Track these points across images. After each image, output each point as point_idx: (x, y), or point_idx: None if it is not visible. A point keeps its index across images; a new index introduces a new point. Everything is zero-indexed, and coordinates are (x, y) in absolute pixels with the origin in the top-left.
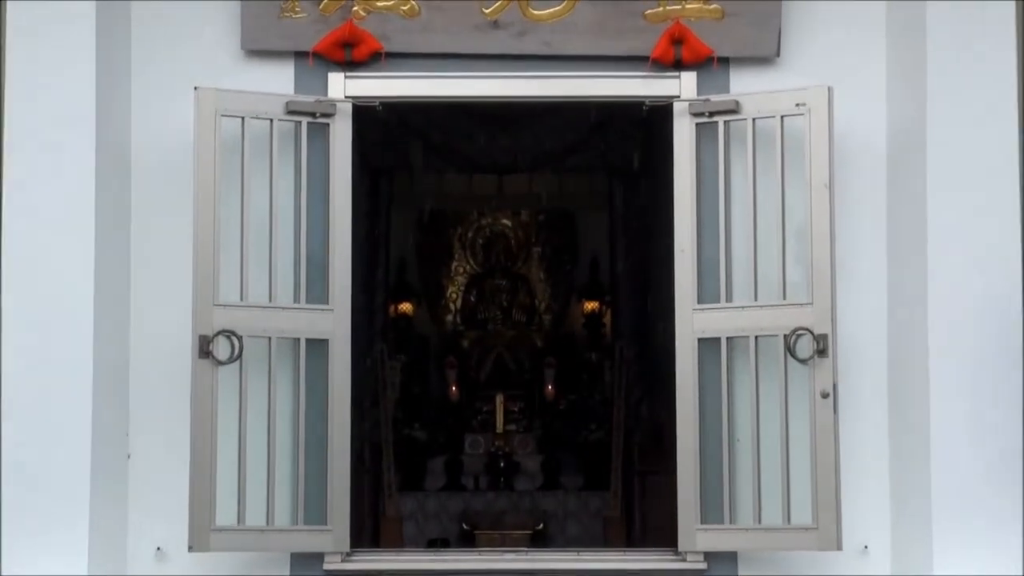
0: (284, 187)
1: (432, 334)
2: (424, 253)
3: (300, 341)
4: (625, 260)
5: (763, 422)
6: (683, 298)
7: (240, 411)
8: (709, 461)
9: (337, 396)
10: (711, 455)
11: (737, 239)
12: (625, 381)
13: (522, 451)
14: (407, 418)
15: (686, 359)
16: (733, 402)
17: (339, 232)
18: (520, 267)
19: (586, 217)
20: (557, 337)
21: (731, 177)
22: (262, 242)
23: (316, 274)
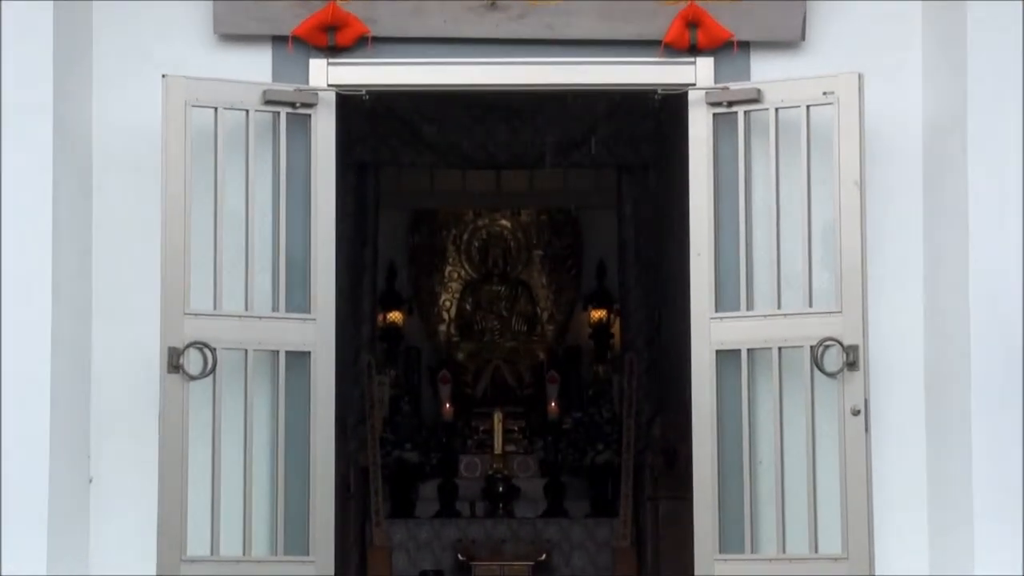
0: (261, 184)
1: (424, 346)
2: (415, 257)
3: (279, 354)
4: (635, 264)
5: (788, 442)
6: (699, 306)
7: (213, 430)
8: (728, 485)
9: (320, 414)
10: (731, 478)
11: (759, 241)
12: (636, 397)
13: (523, 474)
14: (397, 438)
15: (703, 373)
16: (755, 420)
17: (322, 234)
18: (520, 272)
19: (592, 217)
20: (561, 349)
21: (752, 173)
22: (237, 245)
23: (297, 280)
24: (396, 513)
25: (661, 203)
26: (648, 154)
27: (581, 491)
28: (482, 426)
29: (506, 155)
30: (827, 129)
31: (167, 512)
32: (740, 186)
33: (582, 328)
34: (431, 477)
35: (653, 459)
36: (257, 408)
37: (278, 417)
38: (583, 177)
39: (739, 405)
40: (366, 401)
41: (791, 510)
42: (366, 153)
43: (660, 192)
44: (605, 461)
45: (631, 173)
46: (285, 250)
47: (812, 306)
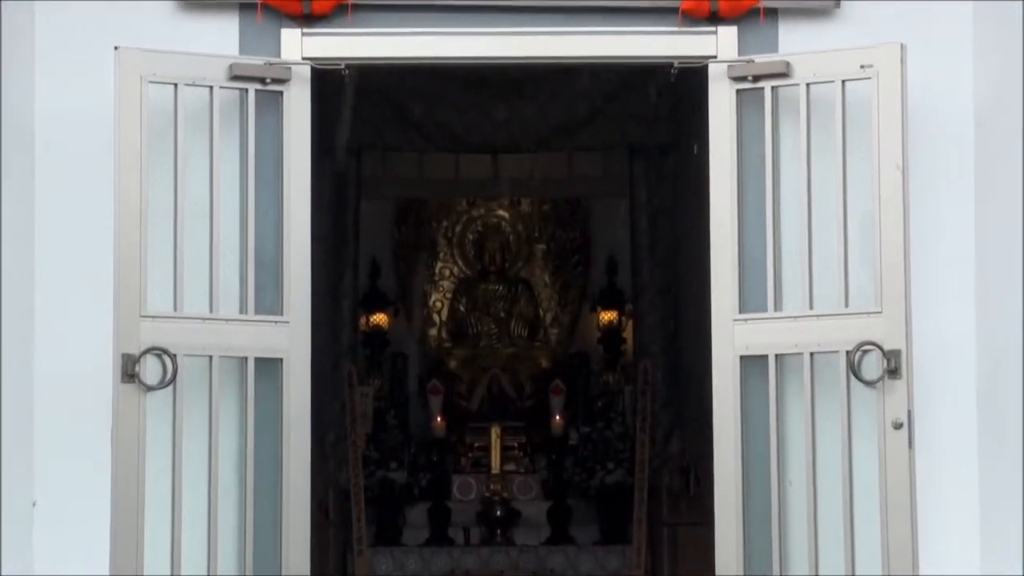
0: (227, 171)
1: (412, 352)
2: (402, 252)
3: (248, 361)
4: (650, 260)
5: (821, 459)
6: (721, 307)
7: (173, 448)
8: (755, 508)
9: (294, 429)
10: (757, 500)
11: (788, 233)
12: (651, 410)
13: (523, 496)
14: (381, 456)
15: (726, 382)
16: (784, 434)
17: (296, 226)
18: (520, 269)
19: (601, 207)
20: (566, 356)
21: (780, 156)
22: (200, 239)
23: (268, 278)
24: (381, 541)
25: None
26: (664, 135)
27: (589, 515)
28: (477, 442)
29: (504, 137)
30: (865, 107)
31: (121, 541)
32: (767, 171)
33: (590, 332)
34: (420, 500)
35: (670, 479)
36: (223, 422)
37: (247, 433)
38: (591, 162)
39: (766, 418)
40: (347, 415)
41: (825, 536)
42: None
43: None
44: (616, 482)
45: (645, 157)
46: (254, 244)
47: (848, 306)
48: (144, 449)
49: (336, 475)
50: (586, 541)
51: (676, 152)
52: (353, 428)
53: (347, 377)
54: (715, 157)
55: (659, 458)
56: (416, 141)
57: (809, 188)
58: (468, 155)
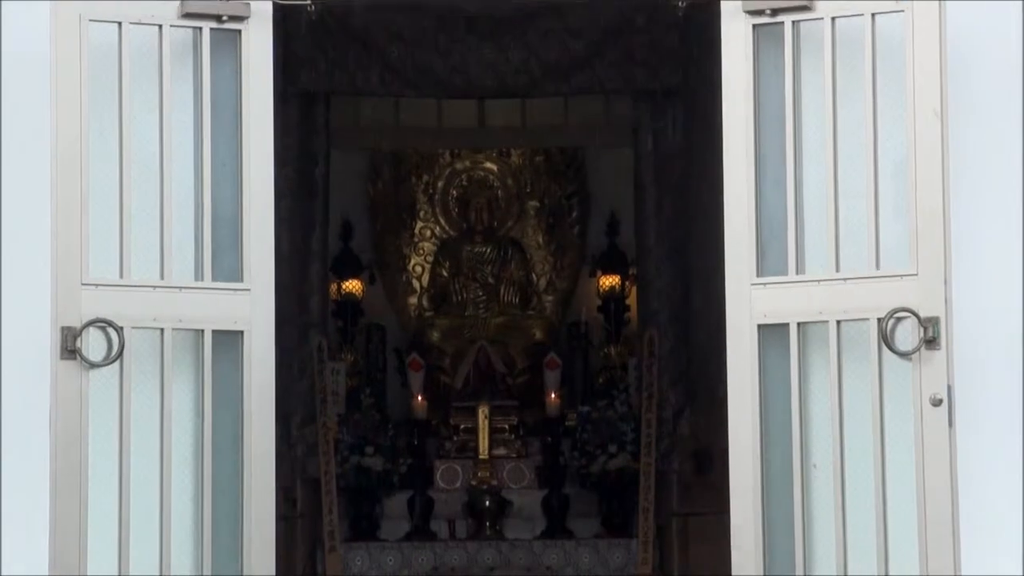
0: (180, 120)
1: (389, 323)
2: (377, 210)
3: (204, 334)
4: (656, 217)
5: (850, 440)
6: (737, 269)
7: (120, 433)
8: (775, 494)
9: (257, 411)
10: (777, 486)
11: (811, 187)
12: (658, 386)
13: (515, 485)
14: (355, 440)
15: (742, 354)
16: (807, 412)
17: (257, 182)
18: (510, 228)
19: (601, 158)
20: (563, 326)
21: (802, 101)
22: (149, 196)
23: (226, 241)
24: (355, 535)
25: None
26: (671, 78)
27: (589, 505)
28: (464, 424)
29: (491, 81)
30: (898, 45)
31: (61, 537)
32: (787, 117)
33: (589, 299)
34: (399, 489)
35: (680, 464)
36: (176, 404)
37: (203, 415)
38: (589, 108)
39: (788, 394)
40: (316, 394)
41: (854, 526)
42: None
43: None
44: (619, 467)
45: (649, 102)
46: (211, 202)
47: (880, 268)
48: (87, 435)
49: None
50: (586, 534)
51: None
52: (323, 409)
53: (316, 351)
54: (729, 102)
55: (668, 440)
56: (393, 85)
57: (835, 136)
58: (451, 101)
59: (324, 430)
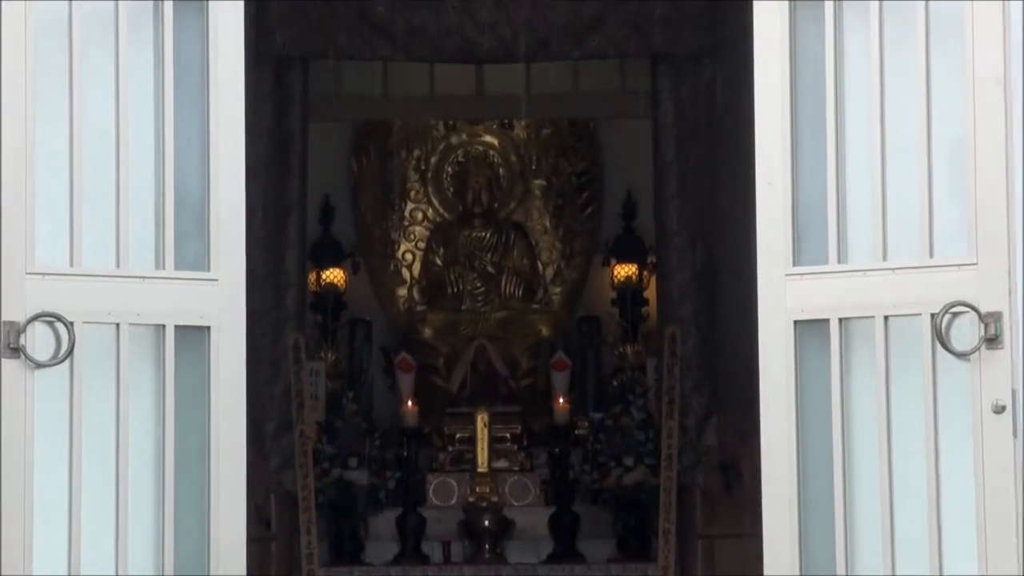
0: (138, 89)
1: (376, 318)
2: (361, 190)
3: (166, 330)
4: (679, 198)
5: (899, 451)
6: (770, 258)
7: (70, 440)
8: (813, 513)
9: (226, 417)
10: (816, 504)
11: (855, 163)
12: (680, 390)
13: (519, 502)
14: (337, 451)
15: (775, 354)
16: (851, 421)
17: (226, 158)
18: (513, 211)
19: (617, 131)
20: (572, 321)
21: (844, 66)
22: (104, 176)
23: (190, 225)
24: (337, 559)
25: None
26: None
27: (603, 525)
28: (460, 433)
29: (491, 43)
30: (955, 4)
31: (6, 555)
32: (828, 85)
33: (603, 291)
34: (387, 506)
35: (705, 479)
36: (134, 409)
37: (164, 422)
38: (603, 74)
39: (827, 399)
40: (292, 398)
41: (904, 551)
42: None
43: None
44: (636, 482)
45: (672, 67)
46: (173, 181)
47: (933, 256)
48: (31, 443)
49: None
50: (598, 558)
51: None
52: (300, 415)
53: (292, 350)
54: (762, 67)
55: (691, 452)
56: (379, 48)
57: (882, 107)
58: (446, 65)
59: (301, 439)
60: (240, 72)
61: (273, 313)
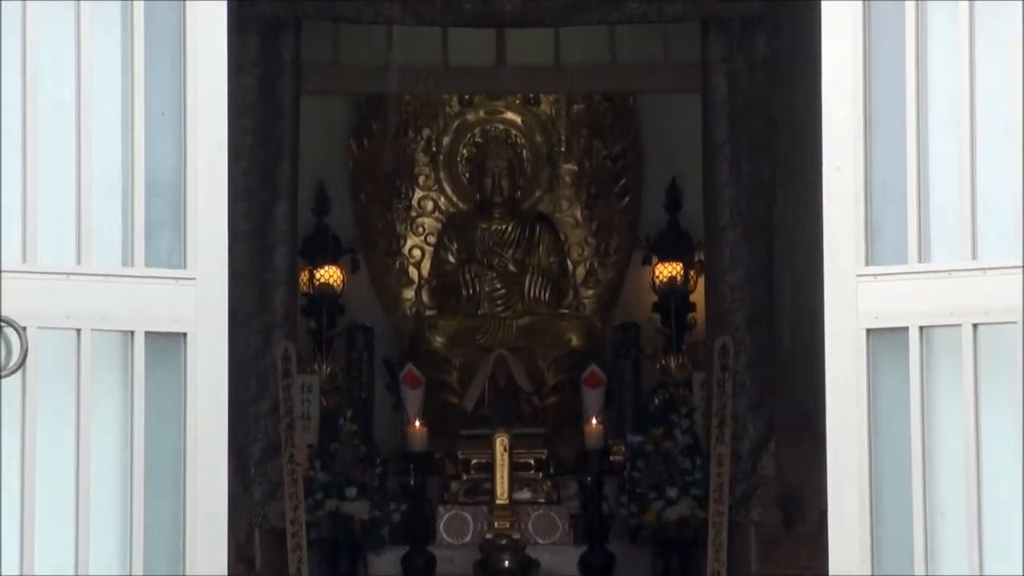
0: (103, 55)
1: (379, 324)
2: (362, 176)
3: (135, 337)
4: (732, 186)
5: (989, 481)
6: (838, 255)
7: (22, 463)
8: (888, 554)
9: (203, 438)
10: (892, 543)
11: (939, 147)
12: (732, 411)
13: (544, 539)
14: (333, 479)
15: (845, 367)
16: (933, 444)
17: (205, 138)
18: (539, 200)
19: (660, 108)
20: (607, 329)
21: (927, 37)
22: (62, 158)
23: (164, 215)
24: None
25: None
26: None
27: (641, 567)
28: (476, 458)
29: (515, 5)
30: None
31: None
32: (907, 58)
33: (642, 294)
34: (390, 544)
35: (762, 514)
36: (98, 428)
37: (132, 444)
38: (645, 41)
39: (906, 420)
40: (280, 417)
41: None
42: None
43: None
44: (681, 517)
45: (724, 35)
46: (144, 165)
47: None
48: None
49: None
50: None
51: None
52: (290, 437)
53: (281, 361)
54: (830, 35)
55: (745, 482)
56: (383, 10)
57: (972, 84)
58: (461, 31)
59: (291, 465)
60: (222, 37)
61: (259, 318)
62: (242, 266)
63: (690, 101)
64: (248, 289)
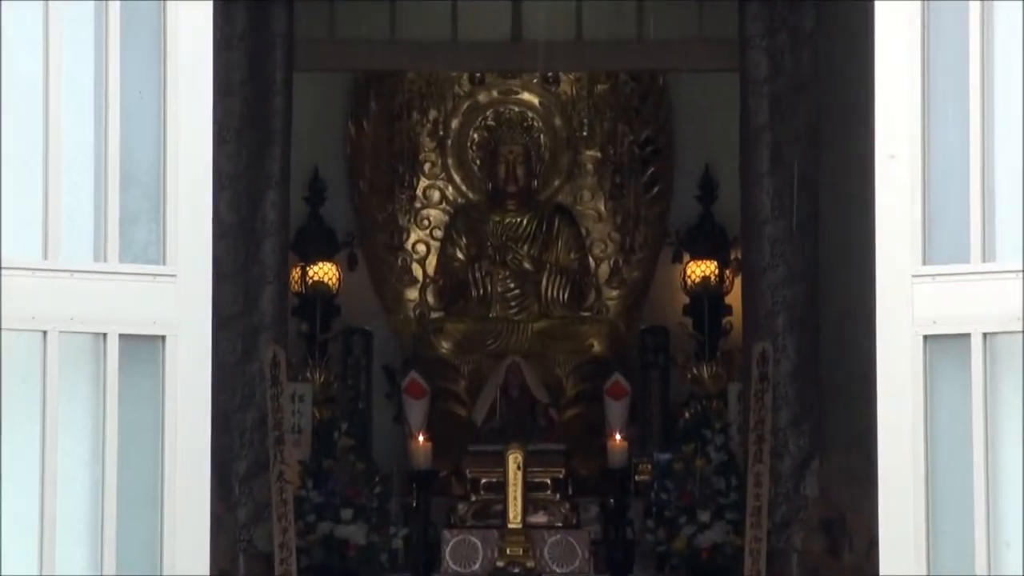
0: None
1: (378, 328)
2: (361, 162)
3: (108, 339)
4: (773, 175)
5: None
6: (893, 254)
7: None
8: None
9: (184, 452)
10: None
11: (1005, 136)
12: (772, 425)
13: (562, 567)
14: (327, 500)
15: (899, 378)
16: (995, 464)
17: (187, 120)
18: (557, 190)
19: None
20: (633, 334)
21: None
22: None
23: (141, 205)
24: None
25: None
26: None
27: None
28: (486, 477)
29: None
30: None
31: None
32: (972, 31)
33: (672, 295)
34: (391, 572)
35: (805, 539)
36: (66, 438)
37: (104, 458)
38: (676, 14)
39: (967, 436)
40: (269, 430)
41: None
42: None
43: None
44: (714, 543)
45: (765, 8)
46: (119, 149)
47: None
48: None
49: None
50: None
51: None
52: (279, 453)
53: (270, 368)
54: (884, 11)
55: (786, 505)
56: None
57: None
58: (472, 2)
59: (280, 484)
60: (207, 8)
61: (245, 319)
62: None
63: (727, 81)
64: (233, 287)
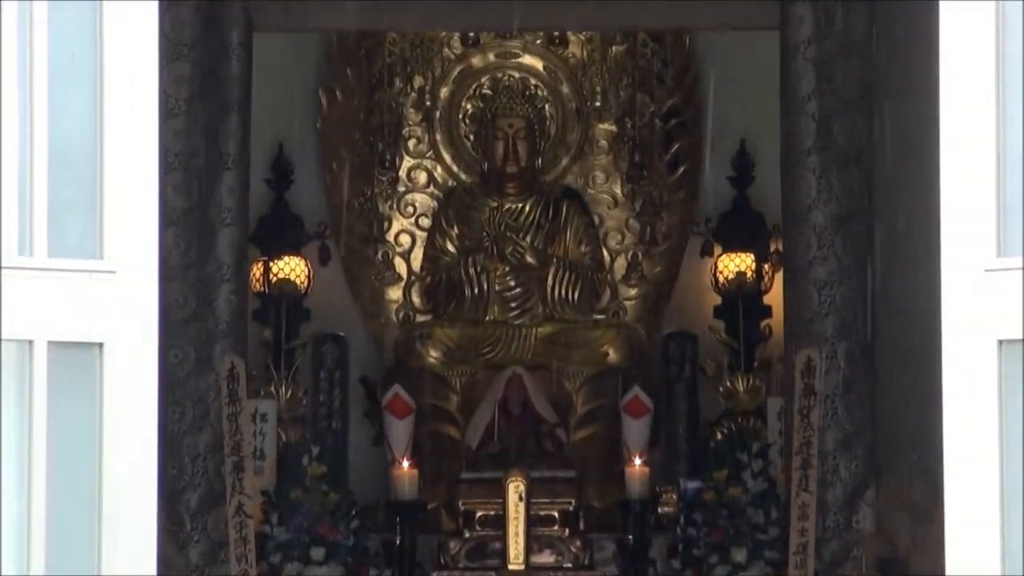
0: None
1: (355, 334)
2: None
3: (34, 347)
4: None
5: None
6: (958, 248)
7: None
8: None
9: (125, 480)
10: None
11: None
12: (819, 446)
13: None
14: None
15: (968, 388)
16: None
17: (127, 90)
18: (565, 171)
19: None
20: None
21: None
22: None
23: (74, 192)
24: None
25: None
26: None
27: None
28: (482, 510)
29: None
30: None
31: None
32: None
33: (701, 294)
34: None
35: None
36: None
37: (30, 483)
38: None
39: None
40: (226, 456)
41: None
42: None
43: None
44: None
45: None
46: (47, 127)
47: None
48: None
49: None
50: None
51: None
52: (238, 481)
53: (227, 381)
54: None
55: (836, 541)
56: None
57: None
58: None
59: (239, 518)
60: None
61: (197, 324)
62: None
63: (765, 42)
64: (183, 286)
